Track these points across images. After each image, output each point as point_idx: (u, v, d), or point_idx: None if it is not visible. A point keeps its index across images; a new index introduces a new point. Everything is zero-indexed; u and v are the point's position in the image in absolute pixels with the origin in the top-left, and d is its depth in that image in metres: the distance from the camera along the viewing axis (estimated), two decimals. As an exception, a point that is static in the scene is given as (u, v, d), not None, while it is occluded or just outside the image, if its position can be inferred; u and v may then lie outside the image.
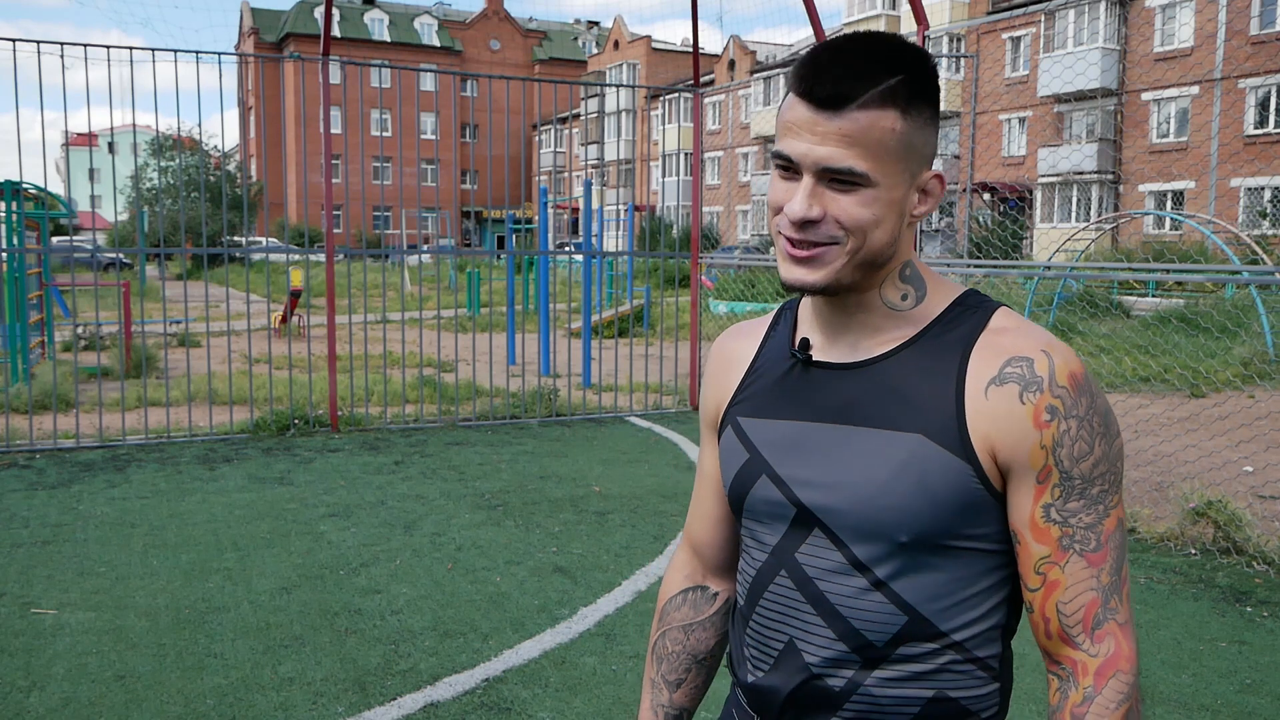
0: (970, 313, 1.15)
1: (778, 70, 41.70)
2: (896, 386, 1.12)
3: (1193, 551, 5.12)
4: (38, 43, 7.36)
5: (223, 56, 8.62)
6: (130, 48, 7.75)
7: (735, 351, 1.31)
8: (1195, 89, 27.84)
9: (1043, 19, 30.35)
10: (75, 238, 27.04)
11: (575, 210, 33.29)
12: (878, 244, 1.10)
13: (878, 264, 1.12)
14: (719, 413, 1.30)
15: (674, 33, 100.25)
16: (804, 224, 1.08)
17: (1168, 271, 13.45)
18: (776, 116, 1.12)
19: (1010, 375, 1.08)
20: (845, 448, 1.13)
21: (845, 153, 1.05)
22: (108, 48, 7.51)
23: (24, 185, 9.87)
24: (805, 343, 1.20)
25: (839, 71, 1.05)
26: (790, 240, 1.10)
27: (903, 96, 1.06)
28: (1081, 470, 1.07)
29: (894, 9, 36.60)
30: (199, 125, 8.14)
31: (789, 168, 1.10)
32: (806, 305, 1.24)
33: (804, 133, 1.07)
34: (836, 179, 1.07)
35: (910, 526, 1.09)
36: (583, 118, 54.54)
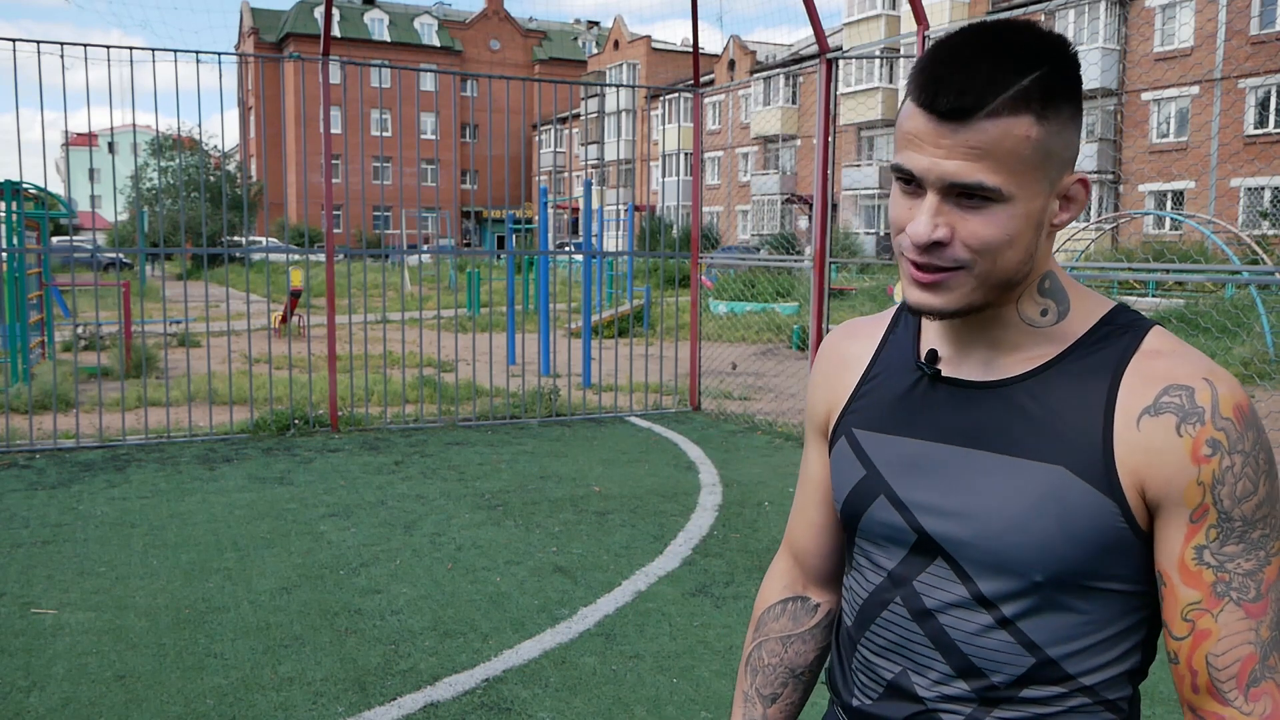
0: (1121, 332, 1.05)
1: (778, 70, 41.72)
2: (1036, 411, 1.03)
3: (1193, 551, 5.11)
4: (38, 43, 7.36)
5: (223, 57, 8.62)
6: (130, 48, 7.75)
7: (850, 352, 1.22)
8: (1195, 89, 27.85)
9: (1042, 19, 30.35)
10: (75, 238, 27.05)
11: (575, 210, 33.30)
12: (1012, 264, 1.01)
13: (1013, 282, 1.03)
14: (830, 418, 1.22)
15: (674, 33, 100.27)
16: (929, 246, 1.00)
17: (1168, 271, 13.45)
18: (896, 124, 1.03)
19: (1167, 405, 0.98)
20: (976, 474, 1.05)
21: (974, 166, 0.96)
22: (108, 48, 7.51)
23: (24, 185, 9.88)
24: (933, 355, 1.11)
25: (963, 77, 0.95)
26: (915, 264, 1.02)
27: (1037, 98, 0.95)
28: (1243, 511, 0.97)
29: (894, 9, 36.60)
30: (199, 125, 8.14)
31: (911, 182, 1.01)
32: None
33: (927, 145, 0.97)
34: (965, 195, 0.98)
35: (1046, 566, 1.00)
36: (583, 118, 54.55)
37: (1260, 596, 0.98)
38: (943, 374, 1.10)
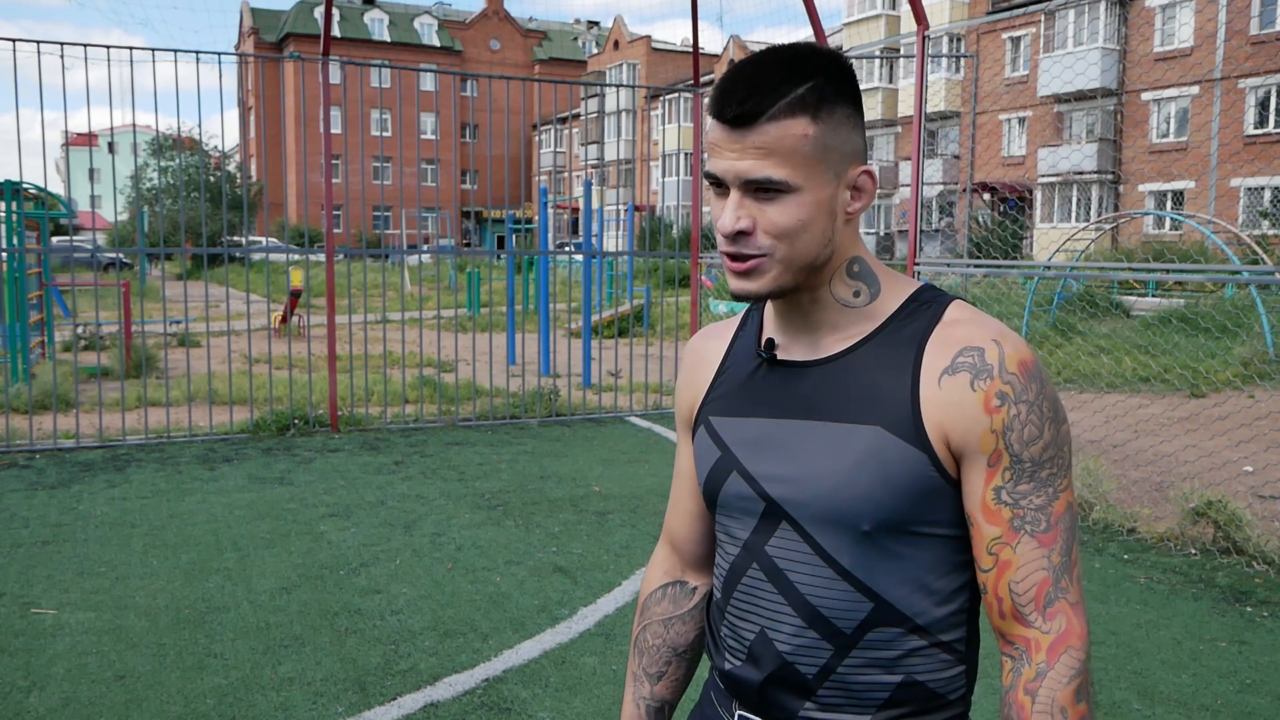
0: (925, 307, 1.18)
1: (778, 70, 41.64)
2: (855, 381, 1.16)
3: (1193, 551, 5.12)
4: (38, 42, 7.36)
5: (223, 56, 8.62)
6: (130, 48, 7.75)
7: (706, 352, 1.35)
8: (1195, 89, 27.84)
9: (1043, 19, 30.35)
10: (75, 238, 27.04)
11: (575, 210, 33.29)
12: (809, 246, 1.14)
13: (816, 264, 1.16)
14: (693, 412, 1.35)
15: (674, 33, 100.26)
16: (735, 236, 1.13)
17: (1168, 271, 13.44)
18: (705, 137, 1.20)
19: (962, 364, 1.12)
20: (809, 442, 1.17)
21: (762, 163, 1.10)
22: (108, 48, 7.51)
23: (24, 185, 9.87)
24: (770, 343, 1.24)
25: (744, 91, 1.10)
26: (728, 255, 1.15)
27: (811, 102, 1.10)
28: (1031, 454, 1.11)
29: (894, 9, 36.58)
30: (199, 125, 8.14)
31: (720, 185, 1.14)
32: (770, 305, 1.28)
33: (724, 150, 1.12)
34: (760, 190, 1.12)
35: (872, 515, 1.12)
36: (583, 118, 54.54)
37: (1050, 528, 1.12)
38: (779, 358, 1.24)
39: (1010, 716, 1.11)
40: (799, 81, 1.10)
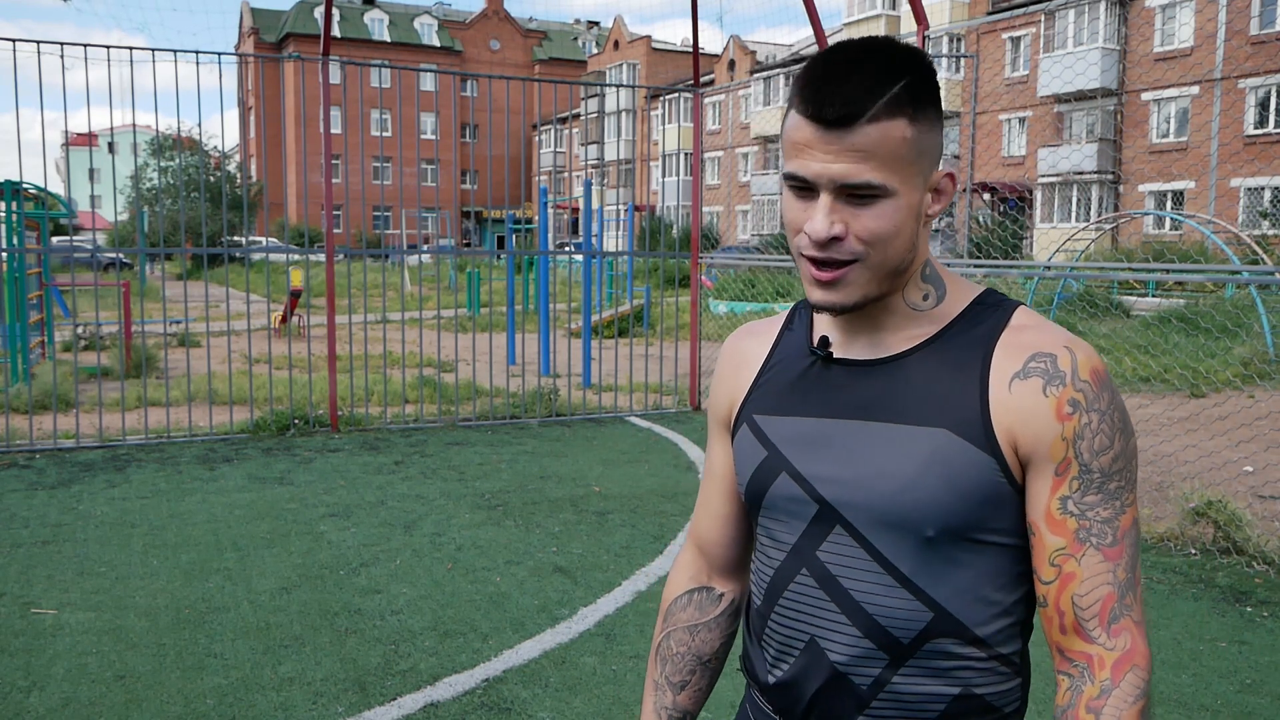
0: (991, 310, 1.15)
1: (778, 70, 41.70)
2: (920, 382, 1.13)
3: (1193, 551, 5.12)
4: (38, 43, 7.36)
5: (223, 57, 8.62)
6: (130, 48, 7.75)
7: (747, 350, 1.30)
8: (1195, 89, 27.84)
9: (1043, 19, 30.35)
10: (75, 238, 27.04)
11: (575, 210, 33.29)
12: (899, 252, 1.11)
13: (900, 270, 1.13)
14: (731, 411, 1.30)
15: (674, 33, 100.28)
16: (827, 242, 1.09)
17: (1168, 271, 13.45)
18: (782, 134, 1.12)
19: (1034, 370, 1.09)
20: (868, 443, 1.13)
21: (861, 167, 1.05)
22: (108, 48, 7.51)
23: (24, 185, 9.87)
24: (825, 340, 1.20)
25: (844, 88, 1.05)
26: (813, 261, 1.11)
27: (908, 102, 1.06)
28: (1101, 464, 1.08)
29: (894, 9, 36.59)
30: (199, 125, 8.14)
31: (804, 187, 1.09)
32: None
33: (816, 152, 1.07)
34: (855, 194, 1.07)
35: (936, 520, 1.09)
36: (583, 118, 54.54)
37: (1117, 542, 1.08)
38: (834, 355, 1.19)
39: None
40: (895, 80, 1.06)
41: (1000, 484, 1.09)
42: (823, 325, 1.23)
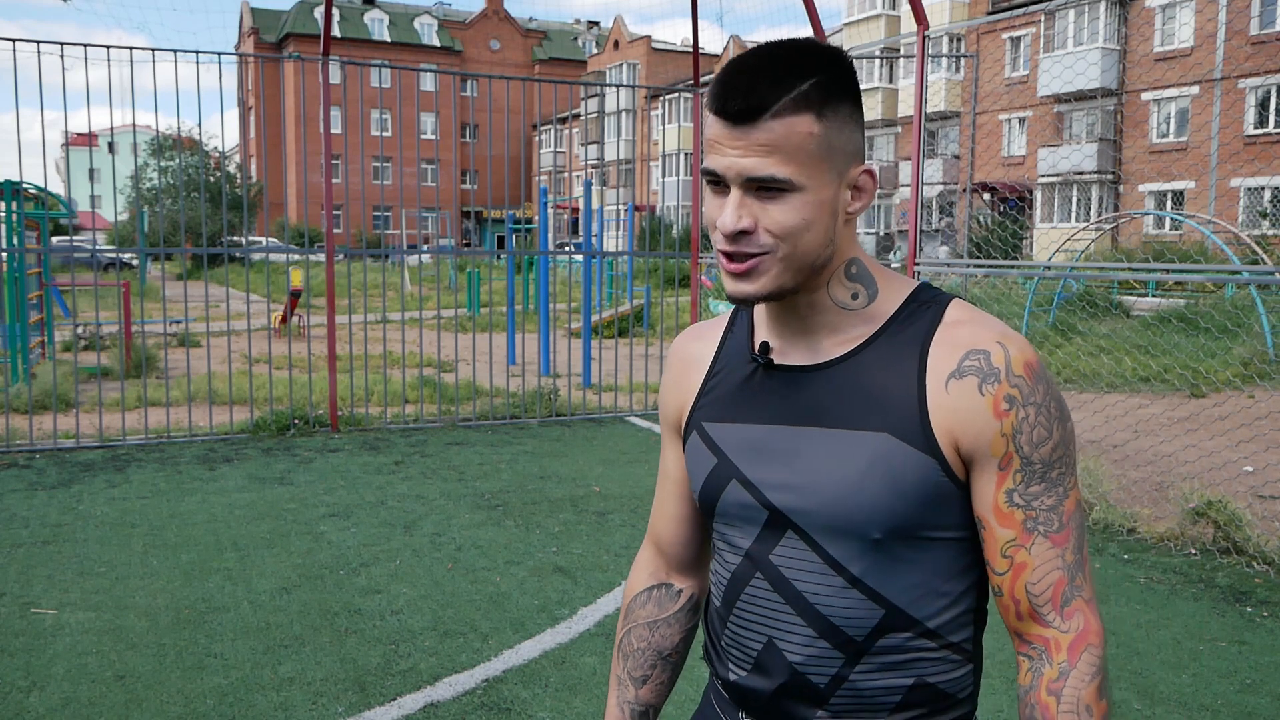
0: (925, 308, 1.17)
1: (778, 70, 41.62)
2: (859, 386, 1.15)
3: (1193, 551, 5.12)
4: (38, 42, 7.36)
5: (223, 56, 8.61)
6: (130, 48, 7.75)
7: (694, 353, 1.32)
8: (1195, 89, 27.83)
9: (1043, 19, 30.35)
10: (75, 238, 27.03)
11: (575, 210, 33.29)
12: (811, 247, 1.12)
13: (817, 265, 1.14)
14: (681, 416, 1.32)
15: (674, 32, 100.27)
16: (736, 235, 1.11)
17: (1168, 271, 13.44)
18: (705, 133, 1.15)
19: (969, 368, 1.11)
20: (814, 449, 1.15)
21: (765, 161, 1.07)
22: (108, 48, 7.50)
23: (24, 185, 9.87)
24: (765, 346, 1.21)
25: (749, 84, 1.07)
26: (726, 255, 1.12)
27: (816, 99, 1.08)
28: (1041, 455, 1.11)
29: (894, 9, 36.58)
30: (199, 125, 8.14)
31: (718, 183, 1.12)
32: (763, 306, 1.25)
33: (725, 147, 1.09)
34: (763, 188, 1.09)
35: (882, 523, 1.11)
36: (583, 118, 54.53)
37: (1063, 527, 1.12)
38: (775, 362, 1.21)
39: (1034, 717, 1.11)
40: (803, 77, 1.08)
41: (943, 483, 1.12)
42: (762, 329, 1.24)
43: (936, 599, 1.15)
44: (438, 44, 63.04)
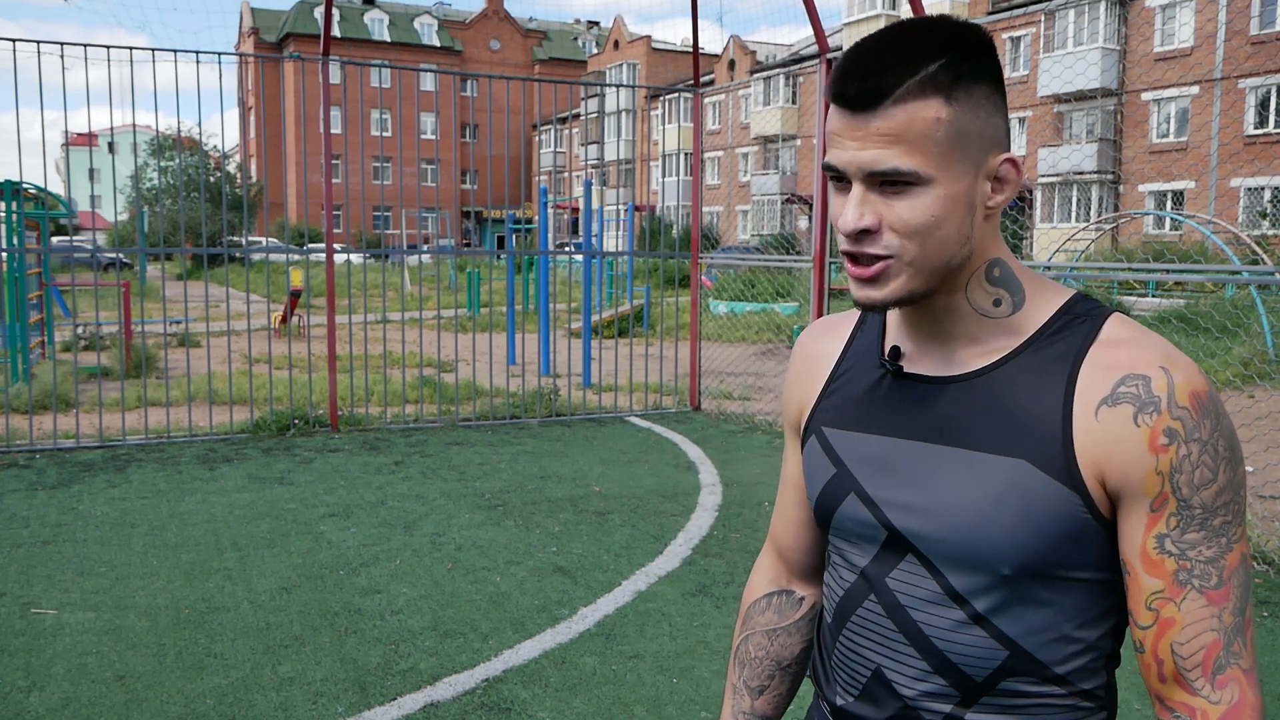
0: (1079, 322, 1.04)
1: (778, 70, 41.70)
2: (997, 406, 1.03)
3: (1193, 551, 5.11)
4: (38, 42, 7.36)
5: (223, 57, 8.61)
6: (130, 48, 7.75)
7: (819, 350, 1.24)
8: (1195, 89, 27.84)
9: (1043, 19, 30.35)
10: (75, 238, 27.02)
11: (575, 210, 33.29)
12: (944, 246, 1.01)
13: (952, 266, 1.03)
14: (802, 417, 1.24)
15: (674, 33, 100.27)
16: (858, 235, 1.01)
17: (1168, 271, 13.45)
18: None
19: (1124, 395, 0.98)
20: (942, 470, 1.05)
21: (888, 152, 0.97)
22: (108, 48, 7.50)
23: (24, 185, 9.87)
24: (896, 351, 1.12)
25: (868, 68, 0.97)
26: (850, 256, 1.03)
27: (945, 81, 0.97)
28: (1202, 499, 0.97)
29: (894, 9, 36.58)
30: (199, 125, 8.14)
31: (840, 179, 1.03)
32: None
33: (844, 139, 1.00)
34: (887, 183, 0.99)
35: (1013, 559, 1.01)
36: (583, 118, 54.54)
37: (1223, 583, 0.98)
38: (905, 370, 1.11)
39: None
40: (930, 58, 0.97)
41: (1084, 520, 1.00)
42: (894, 331, 1.15)
43: (1068, 644, 1.04)
44: (438, 44, 63.05)
